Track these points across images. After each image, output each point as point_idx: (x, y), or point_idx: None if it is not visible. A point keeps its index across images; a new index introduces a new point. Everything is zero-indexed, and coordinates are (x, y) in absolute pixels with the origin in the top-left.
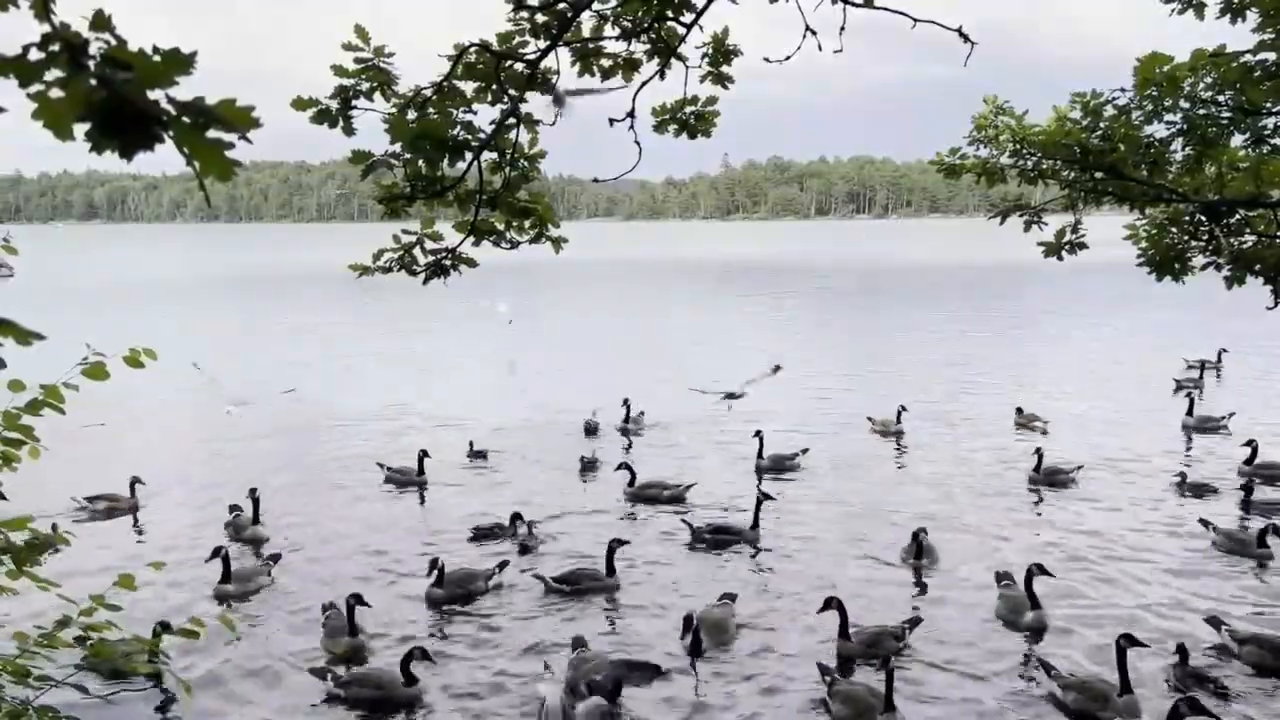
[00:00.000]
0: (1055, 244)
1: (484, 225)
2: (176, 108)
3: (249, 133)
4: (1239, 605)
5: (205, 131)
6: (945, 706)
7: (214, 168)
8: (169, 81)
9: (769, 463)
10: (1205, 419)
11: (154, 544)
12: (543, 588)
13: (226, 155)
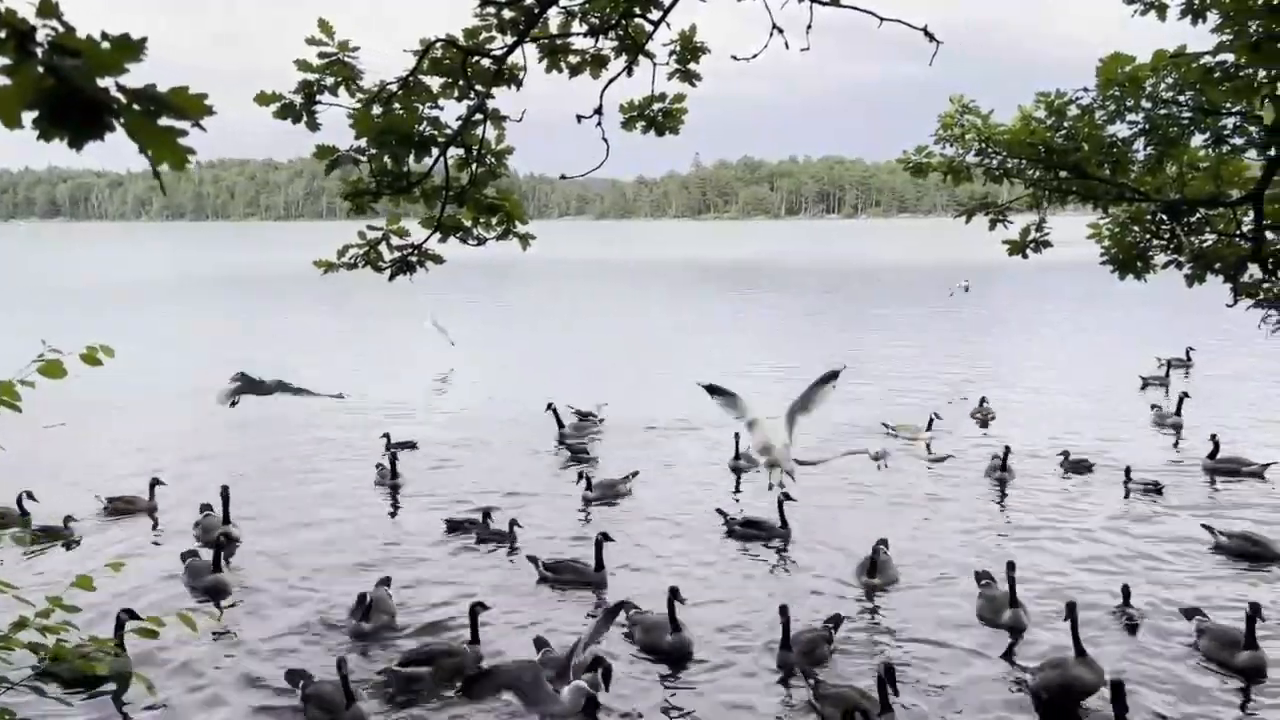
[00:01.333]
0: (1020, 242)
1: (451, 221)
2: (127, 95)
3: (203, 120)
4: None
5: (157, 119)
6: (929, 704)
7: (167, 156)
8: (119, 69)
9: (743, 462)
10: (1167, 415)
11: (129, 542)
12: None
13: (180, 143)
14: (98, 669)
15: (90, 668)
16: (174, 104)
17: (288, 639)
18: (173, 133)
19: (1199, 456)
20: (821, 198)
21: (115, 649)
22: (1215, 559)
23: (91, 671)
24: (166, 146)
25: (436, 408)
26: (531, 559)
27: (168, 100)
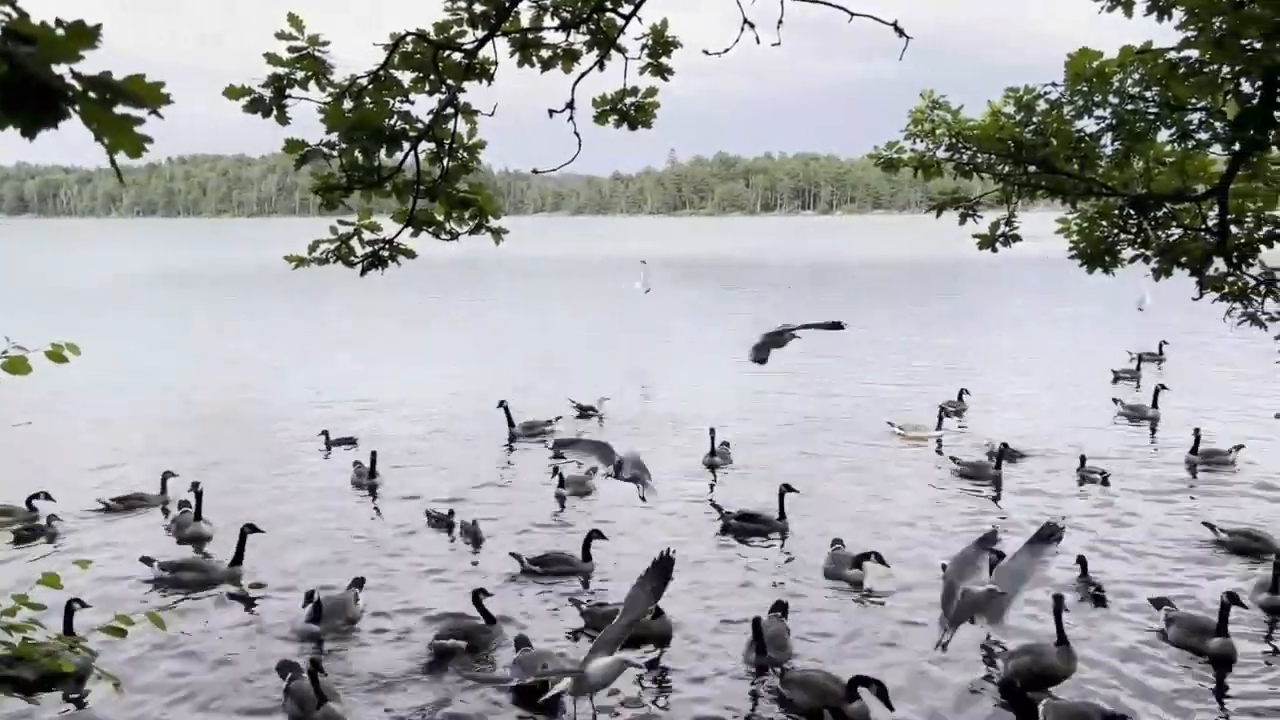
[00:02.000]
0: (989, 236)
1: (423, 216)
2: (82, 83)
3: (160, 108)
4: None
5: (113, 107)
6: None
7: (124, 144)
8: (74, 56)
9: (719, 459)
10: (1137, 408)
11: (101, 542)
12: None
13: (136, 131)
14: (64, 667)
15: (56, 665)
16: (130, 92)
17: (259, 637)
18: (129, 121)
19: (1176, 448)
20: (797, 194)
21: (80, 646)
22: (1203, 552)
23: (57, 669)
24: (123, 134)
25: (413, 404)
26: (515, 555)
27: (123, 88)
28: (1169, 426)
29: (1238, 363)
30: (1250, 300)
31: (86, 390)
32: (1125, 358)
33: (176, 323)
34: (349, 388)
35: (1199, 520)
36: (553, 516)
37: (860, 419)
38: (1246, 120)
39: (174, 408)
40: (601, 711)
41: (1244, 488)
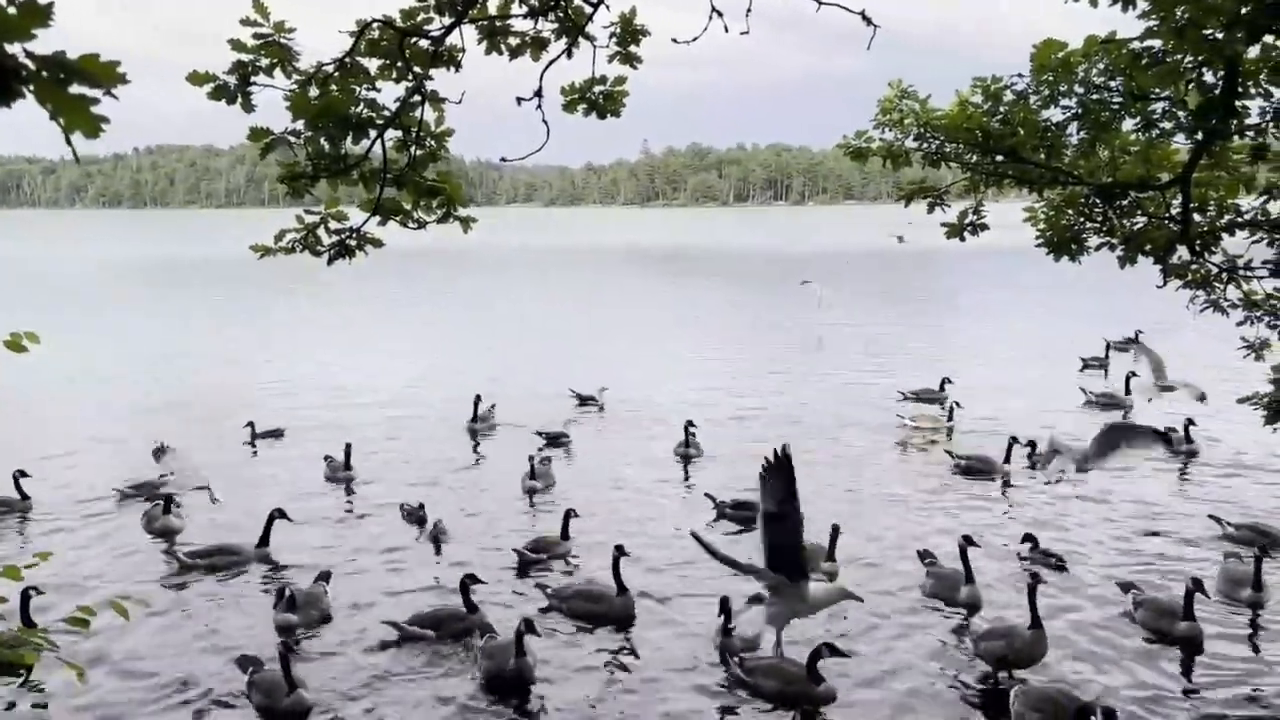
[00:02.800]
0: (957, 225)
1: (390, 205)
2: (36, 62)
3: (115, 89)
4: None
5: (68, 87)
6: (872, 669)
7: (79, 124)
8: (26, 35)
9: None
10: (1107, 395)
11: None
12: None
13: (92, 111)
14: (28, 659)
15: (19, 658)
16: (85, 71)
17: (233, 631)
18: (84, 100)
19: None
20: (769, 185)
21: (39, 635)
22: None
23: (20, 662)
24: (78, 114)
25: (384, 395)
26: (516, 550)
27: (78, 67)
28: (1142, 414)
29: (1213, 353)
30: (1213, 288)
31: (45, 382)
32: (1099, 346)
33: (141, 316)
34: (317, 379)
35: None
36: (527, 509)
37: (839, 409)
38: (1208, 110)
39: (139, 399)
40: (567, 707)
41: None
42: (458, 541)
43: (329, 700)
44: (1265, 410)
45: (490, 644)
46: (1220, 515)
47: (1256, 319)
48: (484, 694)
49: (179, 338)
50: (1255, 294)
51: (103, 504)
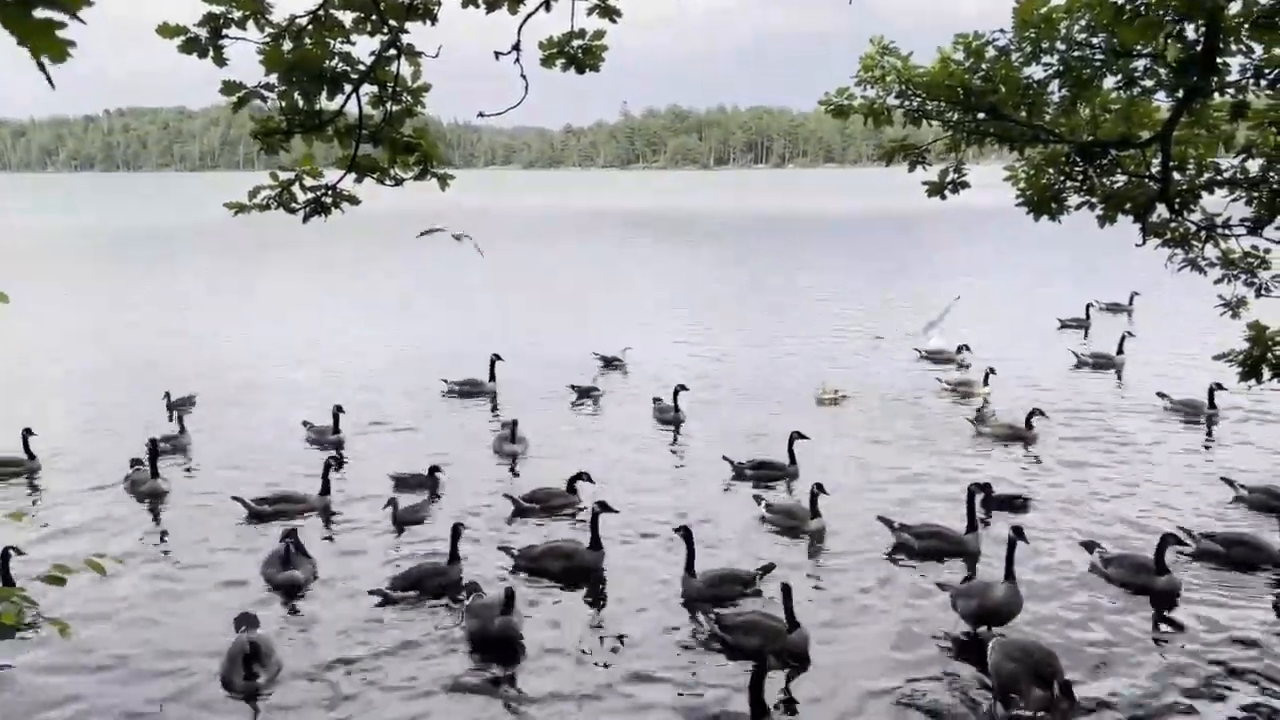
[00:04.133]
0: (938, 183)
1: (366, 161)
2: None
3: (79, 11)
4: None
5: (32, 10)
6: (854, 632)
7: (46, 48)
8: None
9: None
10: (1100, 355)
11: (59, 500)
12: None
13: (59, 35)
14: (6, 618)
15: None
16: None
17: (216, 592)
18: (50, 24)
19: (1143, 396)
20: (749, 148)
21: (18, 595)
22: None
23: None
24: (44, 38)
25: (368, 365)
26: (507, 496)
27: None
28: (1135, 374)
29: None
30: (1191, 246)
31: (15, 346)
32: (1084, 307)
33: (109, 281)
34: (296, 342)
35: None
36: (509, 472)
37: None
38: (1189, 66)
39: (115, 363)
40: (547, 668)
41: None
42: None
43: (323, 657)
44: (1240, 367)
45: (476, 603)
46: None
47: (1234, 277)
48: (470, 654)
49: (150, 301)
50: (1233, 252)
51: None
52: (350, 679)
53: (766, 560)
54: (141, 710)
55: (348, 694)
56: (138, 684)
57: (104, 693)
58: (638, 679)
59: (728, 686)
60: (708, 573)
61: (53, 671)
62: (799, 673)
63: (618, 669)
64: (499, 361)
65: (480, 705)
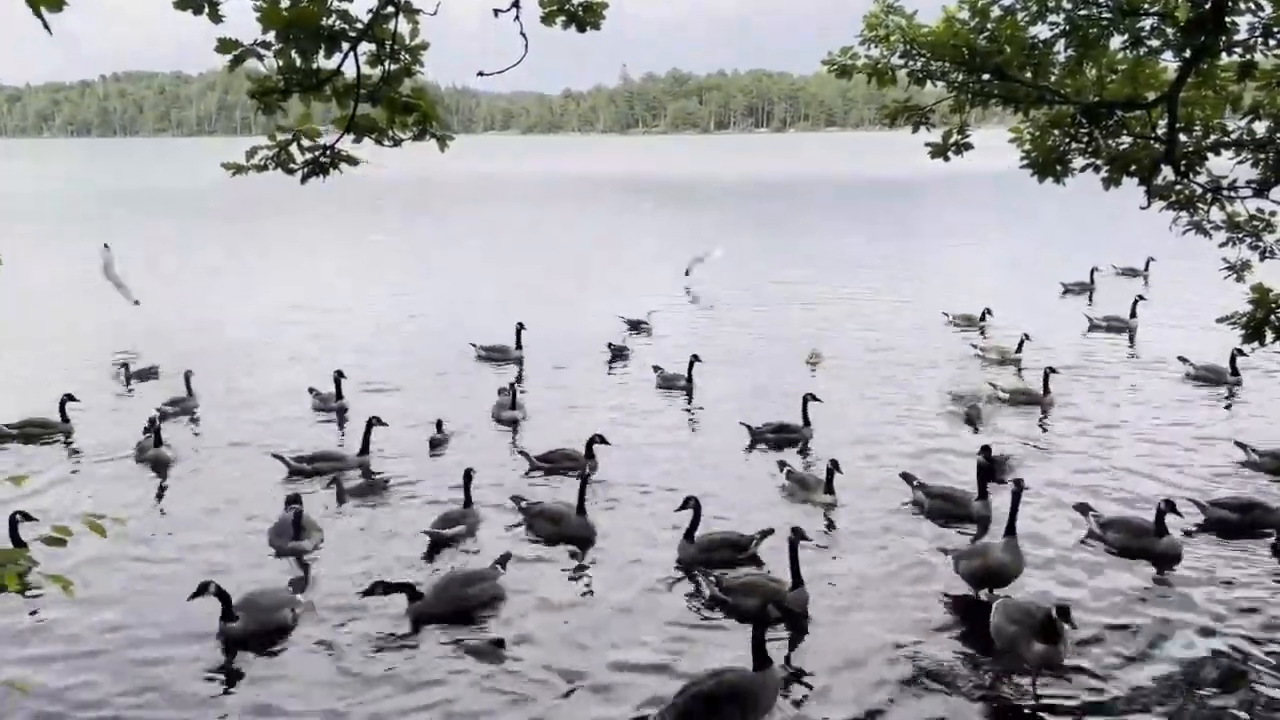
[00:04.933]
0: (942, 145)
1: (364, 121)
2: None
3: None
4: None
5: None
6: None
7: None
8: None
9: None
10: (1113, 319)
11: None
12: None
13: None
14: (8, 579)
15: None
16: None
17: (216, 552)
18: None
19: (1156, 360)
20: (750, 112)
21: (27, 558)
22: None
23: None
24: None
25: (368, 330)
26: (522, 453)
27: None
28: (1148, 336)
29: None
30: (1196, 209)
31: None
32: (1089, 272)
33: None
34: (300, 307)
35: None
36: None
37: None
38: (1198, 25)
39: (128, 328)
40: (527, 637)
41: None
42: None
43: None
44: (1243, 330)
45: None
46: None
47: (1238, 240)
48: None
49: (168, 266)
50: (1238, 215)
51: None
52: (351, 643)
53: (768, 525)
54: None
55: (350, 665)
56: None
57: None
58: (636, 643)
59: (728, 648)
60: (703, 537)
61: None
62: (799, 631)
63: (614, 633)
64: (523, 330)
65: (482, 666)
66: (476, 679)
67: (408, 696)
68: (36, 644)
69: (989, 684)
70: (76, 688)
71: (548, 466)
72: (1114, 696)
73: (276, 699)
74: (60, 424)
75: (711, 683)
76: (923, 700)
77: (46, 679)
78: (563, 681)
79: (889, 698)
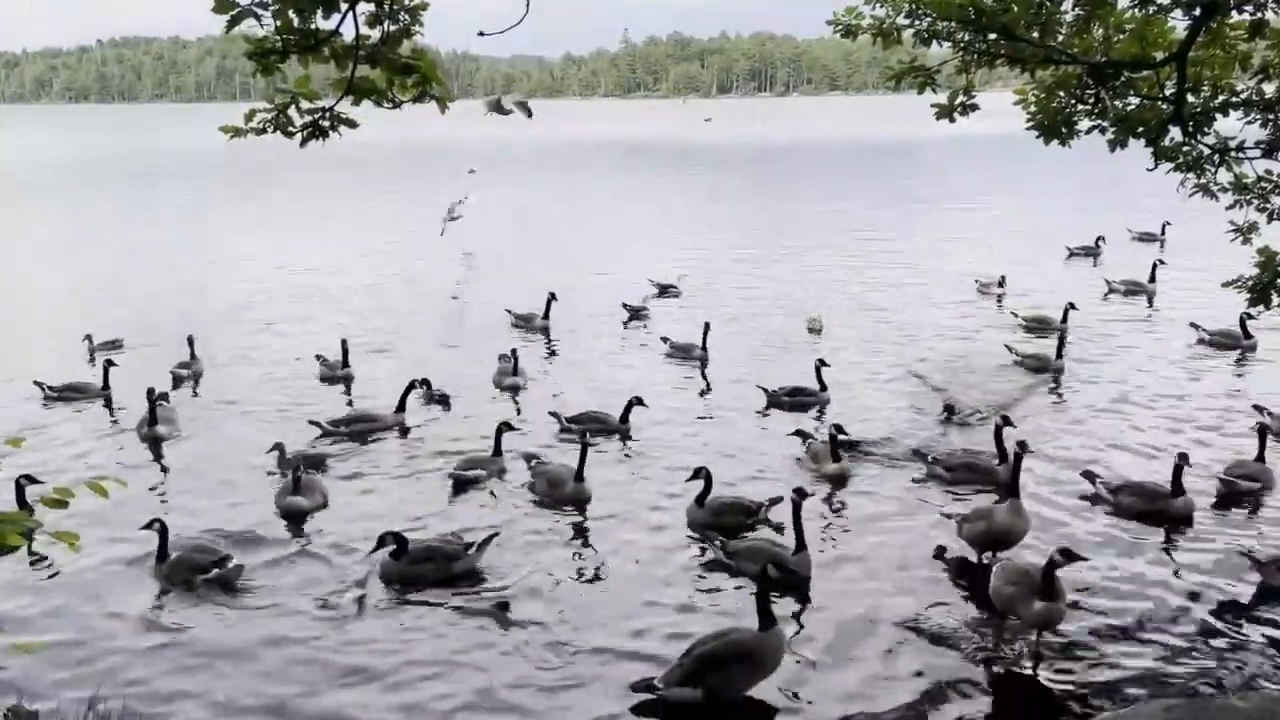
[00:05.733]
0: (947, 105)
1: (363, 83)
2: None
3: None
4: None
5: None
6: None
7: None
8: None
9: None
10: (1131, 283)
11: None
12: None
13: None
14: (12, 539)
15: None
16: None
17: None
18: None
19: (1175, 324)
20: (753, 75)
21: (32, 521)
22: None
23: (4, 543)
24: None
25: (375, 296)
26: (553, 414)
27: None
28: (1167, 300)
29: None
30: (1203, 170)
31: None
32: (1095, 238)
33: (113, 211)
34: (303, 274)
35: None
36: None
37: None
38: None
39: (122, 295)
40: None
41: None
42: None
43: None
44: (1249, 293)
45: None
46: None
47: (1246, 202)
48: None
49: (168, 234)
50: (1246, 177)
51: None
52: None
53: (777, 494)
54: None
55: (353, 627)
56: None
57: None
58: (643, 606)
59: (733, 612)
60: (713, 501)
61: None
62: (803, 594)
63: (621, 596)
64: (554, 300)
65: (486, 629)
66: (480, 641)
67: (411, 659)
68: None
69: (991, 646)
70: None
71: (579, 429)
72: (1114, 659)
73: (274, 662)
74: (99, 389)
75: (717, 643)
76: (925, 661)
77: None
78: (569, 644)
79: (891, 659)
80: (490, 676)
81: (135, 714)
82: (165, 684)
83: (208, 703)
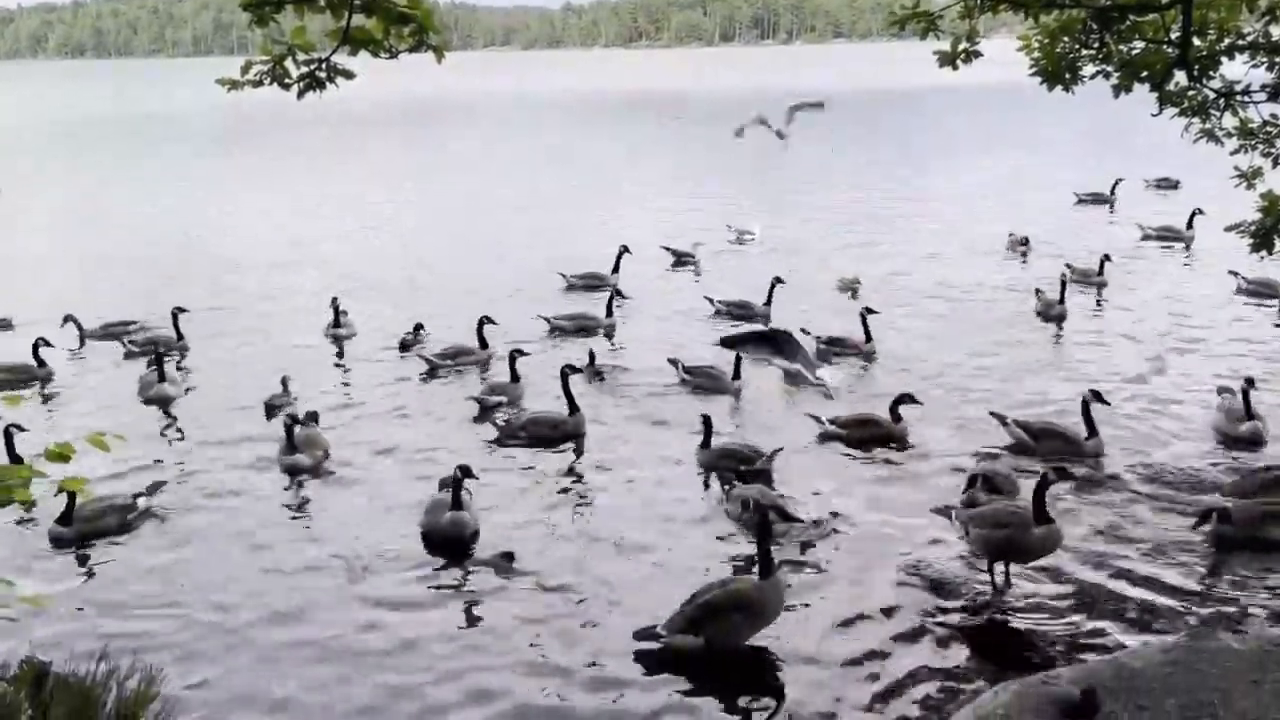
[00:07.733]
0: (950, 53)
1: (360, 33)
2: None
3: None
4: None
5: None
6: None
7: None
8: None
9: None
10: (1167, 229)
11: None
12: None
13: None
14: (19, 495)
15: (7, 494)
16: None
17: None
18: None
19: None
20: (756, 23)
21: (35, 471)
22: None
23: (10, 499)
24: None
25: (371, 255)
26: (672, 361)
27: None
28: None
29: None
30: (1208, 115)
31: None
32: (1111, 184)
33: (111, 171)
34: (293, 236)
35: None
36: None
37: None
38: None
39: (114, 257)
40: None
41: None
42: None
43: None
44: (1252, 239)
45: (431, 499)
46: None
47: (1251, 147)
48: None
49: (164, 193)
50: (1251, 121)
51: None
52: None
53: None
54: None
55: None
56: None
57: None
58: (644, 554)
59: (735, 560)
60: (719, 446)
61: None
62: (806, 544)
63: (623, 545)
64: (627, 254)
65: (491, 579)
66: (486, 591)
67: (416, 612)
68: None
69: (990, 593)
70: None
71: (694, 381)
72: (1111, 604)
73: (286, 619)
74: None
75: (718, 591)
76: (925, 610)
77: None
78: (572, 592)
79: (892, 605)
80: (493, 624)
81: (146, 667)
82: (175, 637)
83: (214, 659)
